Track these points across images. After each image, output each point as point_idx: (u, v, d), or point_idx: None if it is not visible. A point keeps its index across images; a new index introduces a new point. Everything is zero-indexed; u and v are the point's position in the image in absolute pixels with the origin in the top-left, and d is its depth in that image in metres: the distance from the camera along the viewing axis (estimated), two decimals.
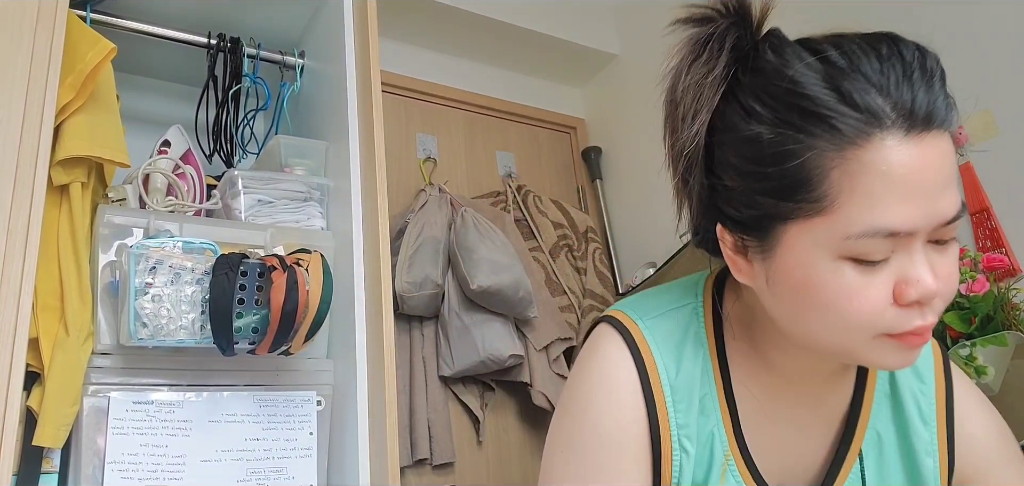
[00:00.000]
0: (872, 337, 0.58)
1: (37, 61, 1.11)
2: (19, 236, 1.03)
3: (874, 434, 0.71)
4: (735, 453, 0.68)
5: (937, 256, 0.58)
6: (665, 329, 0.71)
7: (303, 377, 1.29)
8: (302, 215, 1.41)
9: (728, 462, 0.68)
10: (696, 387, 0.69)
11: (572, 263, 2.30)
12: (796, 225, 0.58)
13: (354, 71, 1.45)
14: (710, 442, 0.69)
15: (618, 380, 0.68)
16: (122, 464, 1.08)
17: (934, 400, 0.72)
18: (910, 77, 0.56)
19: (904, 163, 0.54)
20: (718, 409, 0.69)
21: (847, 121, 0.55)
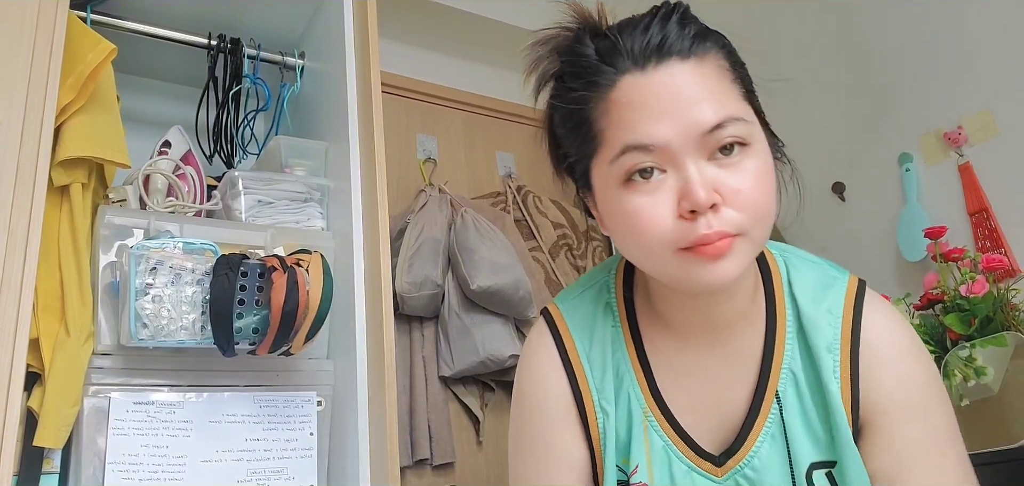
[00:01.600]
0: (672, 254, 0.65)
1: (37, 62, 1.11)
2: (20, 237, 1.03)
3: (788, 373, 0.73)
4: (653, 409, 0.74)
5: (722, 171, 0.65)
6: (579, 306, 0.81)
7: (303, 377, 1.29)
8: (302, 216, 1.41)
9: (648, 418, 0.74)
10: (609, 354, 0.77)
11: (572, 263, 2.30)
12: (594, 168, 0.71)
13: (354, 72, 1.45)
14: (628, 402, 0.75)
15: (541, 359, 0.79)
16: (123, 464, 1.08)
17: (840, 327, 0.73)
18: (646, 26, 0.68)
19: (642, 90, 0.66)
20: (631, 371, 0.76)
21: (602, 75, 0.68)
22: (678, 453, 0.73)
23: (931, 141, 1.76)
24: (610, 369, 0.77)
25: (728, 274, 0.65)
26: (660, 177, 0.65)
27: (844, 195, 1.94)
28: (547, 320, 0.81)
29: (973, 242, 1.63)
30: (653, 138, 0.65)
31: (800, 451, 0.71)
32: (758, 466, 0.71)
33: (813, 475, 0.70)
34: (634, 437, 0.74)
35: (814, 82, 2.03)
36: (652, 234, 0.65)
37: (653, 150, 0.65)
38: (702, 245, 0.64)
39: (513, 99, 2.56)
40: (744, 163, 0.66)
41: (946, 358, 1.42)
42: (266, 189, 1.39)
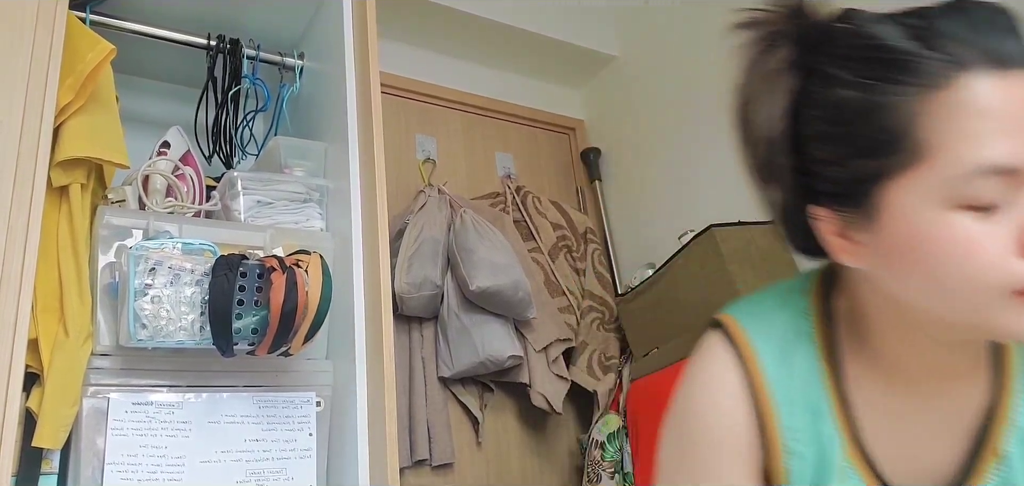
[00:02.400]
0: (1000, 297, 0.54)
1: (36, 62, 1.11)
2: (18, 237, 1.03)
3: (1017, 434, 0.65)
4: (854, 456, 0.65)
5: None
6: (769, 329, 0.69)
7: (302, 378, 1.29)
8: (301, 216, 1.41)
9: (848, 465, 0.65)
10: (807, 389, 0.66)
11: (571, 264, 2.30)
12: (896, 183, 0.56)
13: (353, 72, 1.45)
14: (821, 444, 0.65)
15: (718, 382, 0.68)
16: (121, 465, 1.08)
17: None
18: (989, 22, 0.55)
19: (999, 97, 0.53)
20: (832, 411, 0.66)
21: (933, 63, 0.54)
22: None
23: None
24: (804, 404, 0.66)
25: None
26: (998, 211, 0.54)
27: None
28: (728, 340, 0.69)
29: None
30: (1009, 159, 0.53)
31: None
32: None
33: None
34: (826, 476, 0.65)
35: None
36: (984, 271, 0.54)
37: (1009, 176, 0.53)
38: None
39: (512, 100, 2.57)
40: None
41: None
42: (265, 190, 1.39)
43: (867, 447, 0.65)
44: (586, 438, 2.07)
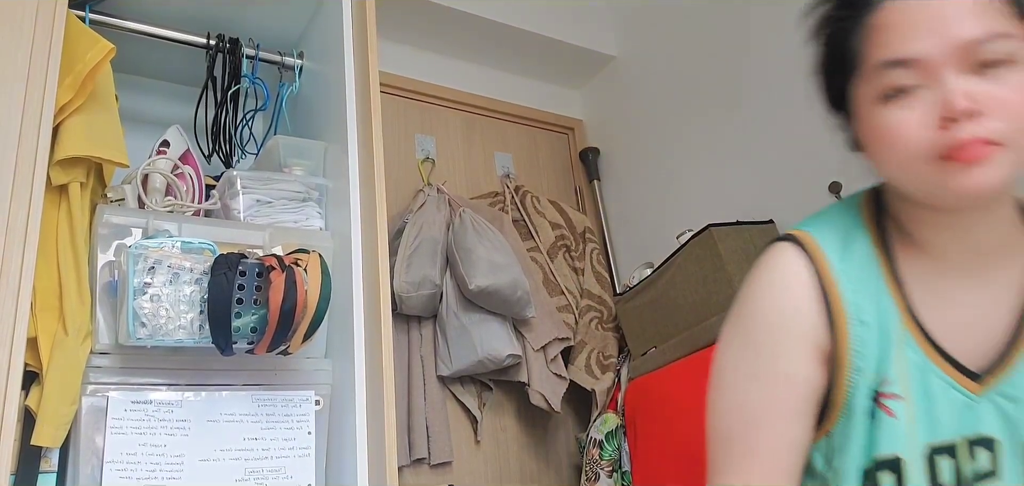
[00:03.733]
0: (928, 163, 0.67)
1: (36, 61, 1.11)
2: (18, 236, 1.03)
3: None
4: (910, 324, 0.73)
5: (984, 82, 0.66)
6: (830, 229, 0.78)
7: (301, 377, 1.29)
8: (301, 215, 1.41)
9: (904, 332, 0.72)
10: (865, 272, 0.75)
11: (570, 263, 2.30)
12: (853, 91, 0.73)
13: (353, 72, 1.45)
14: (880, 320, 0.73)
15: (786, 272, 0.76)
16: (120, 463, 1.08)
17: None
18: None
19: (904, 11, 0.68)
20: (886, 289, 0.74)
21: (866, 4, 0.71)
22: (936, 368, 0.72)
23: None
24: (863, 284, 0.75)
25: (984, 182, 0.66)
26: (918, 93, 0.68)
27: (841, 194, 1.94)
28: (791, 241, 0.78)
29: None
30: (909, 51, 0.67)
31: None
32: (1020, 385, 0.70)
33: None
34: (889, 355, 0.72)
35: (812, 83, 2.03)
36: (908, 144, 0.68)
37: (911, 65, 0.68)
38: (958, 150, 0.65)
39: (512, 99, 2.57)
40: (1009, 78, 0.66)
41: None
42: (264, 189, 1.39)
43: (921, 318, 0.73)
44: (584, 437, 2.08)
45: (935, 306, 0.74)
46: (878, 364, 0.73)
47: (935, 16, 0.67)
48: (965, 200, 0.68)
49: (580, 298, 2.24)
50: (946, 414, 0.71)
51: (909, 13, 0.68)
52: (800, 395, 0.74)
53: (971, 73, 0.66)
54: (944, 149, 0.66)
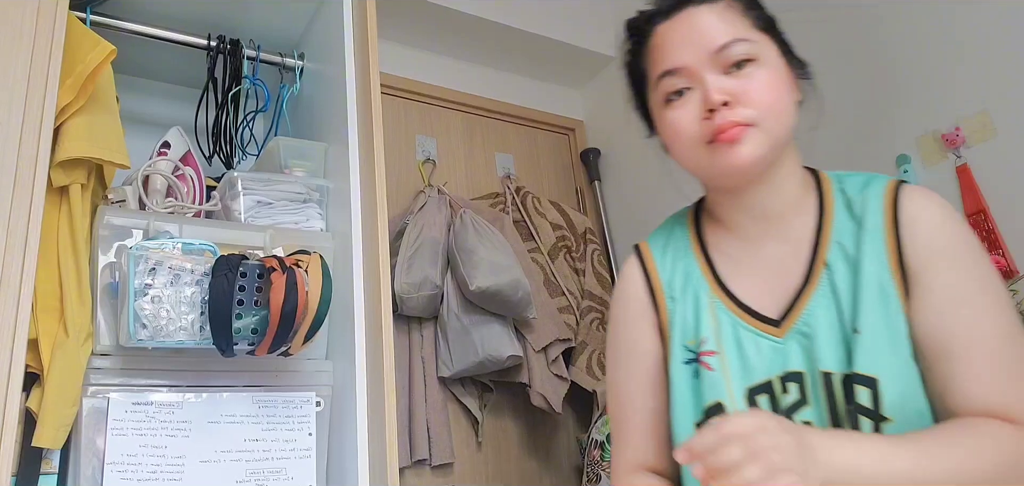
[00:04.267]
0: (701, 148, 0.84)
1: (37, 63, 1.11)
2: (19, 237, 1.03)
3: (837, 246, 0.85)
4: (717, 292, 0.89)
5: (735, 80, 0.83)
6: (658, 232, 1.01)
7: (302, 378, 1.29)
8: (301, 216, 1.41)
9: (713, 300, 0.89)
10: (679, 258, 0.95)
11: (570, 264, 2.30)
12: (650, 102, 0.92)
13: (353, 73, 1.45)
14: (696, 292, 0.91)
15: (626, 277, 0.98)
16: (121, 465, 1.09)
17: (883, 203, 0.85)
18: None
19: (668, 32, 0.88)
20: (698, 267, 0.93)
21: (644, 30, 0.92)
22: (743, 323, 0.86)
23: (929, 142, 1.76)
24: (680, 269, 0.93)
25: (746, 157, 0.82)
26: (688, 94, 0.85)
27: None
28: (635, 249, 1.00)
29: None
30: (675, 62, 0.85)
31: (848, 308, 0.81)
32: (812, 322, 0.82)
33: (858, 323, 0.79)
34: (702, 318, 0.88)
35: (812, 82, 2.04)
36: (685, 136, 0.85)
37: (678, 71, 0.85)
38: (719, 132, 0.82)
39: (512, 100, 2.57)
40: (754, 73, 0.83)
41: None
42: (265, 190, 1.39)
43: (727, 284, 0.90)
44: (585, 438, 2.07)
45: (738, 271, 0.90)
46: (694, 328, 0.88)
47: (692, 31, 0.85)
48: (734, 173, 0.84)
49: (581, 299, 2.24)
50: (757, 359, 0.84)
51: (672, 32, 0.87)
52: (650, 366, 0.92)
53: (724, 73, 0.83)
54: (710, 134, 0.83)
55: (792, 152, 0.90)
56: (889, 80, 1.86)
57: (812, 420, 0.80)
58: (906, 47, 1.82)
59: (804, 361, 0.81)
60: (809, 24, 2.14)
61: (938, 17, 1.76)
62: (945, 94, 1.74)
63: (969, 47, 1.70)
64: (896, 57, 1.85)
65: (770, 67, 0.85)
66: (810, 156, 0.98)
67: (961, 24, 1.72)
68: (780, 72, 0.86)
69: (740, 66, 0.83)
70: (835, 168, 0.97)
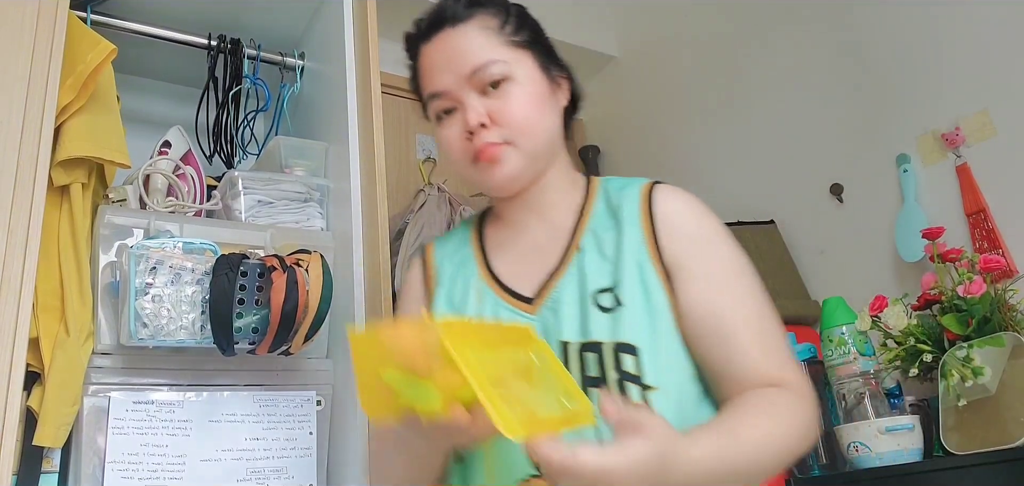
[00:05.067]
0: (468, 165, 0.91)
1: (37, 62, 1.11)
2: (19, 236, 1.03)
3: (591, 232, 0.93)
4: (485, 276, 0.96)
5: (492, 100, 0.89)
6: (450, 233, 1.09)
7: (303, 377, 1.29)
8: (302, 216, 1.41)
9: (480, 283, 0.96)
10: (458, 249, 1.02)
11: None
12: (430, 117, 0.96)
13: (354, 72, 1.46)
14: (467, 278, 0.98)
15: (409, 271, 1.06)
16: (122, 464, 1.09)
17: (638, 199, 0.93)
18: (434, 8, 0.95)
19: (428, 54, 0.94)
20: (473, 256, 1.00)
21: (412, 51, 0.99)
22: (502, 302, 0.93)
23: (929, 142, 1.76)
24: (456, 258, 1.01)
25: (504, 175, 0.90)
26: (455, 114, 0.91)
27: (842, 196, 1.94)
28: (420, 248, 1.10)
29: (971, 243, 1.64)
30: (438, 86, 0.92)
31: (591, 282, 0.88)
32: (559, 298, 0.89)
33: (599, 297, 0.87)
34: (468, 299, 0.95)
35: (812, 83, 2.04)
36: (453, 153, 0.92)
37: (442, 94, 0.92)
38: (479, 154, 0.89)
39: None
40: (509, 92, 0.89)
41: (944, 358, 1.42)
42: (266, 189, 1.39)
43: (495, 269, 0.97)
44: None
45: (505, 256, 0.98)
46: (460, 307, 0.95)
47: (450, 55, 0.91)
48: (496, 189, 0.93)
49: None
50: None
51: (433, 55, 0.93)
52: None
53: (481, 93, 0.89)
54: (473, 153, 0.89)
55: (560, 154, 0.99)
56: (889, 80, 1.86)
57: None
58: (906, 46, 1.83)
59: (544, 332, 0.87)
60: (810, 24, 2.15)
61: (938, 17, 1.76)
62: (945, 93, 1.74)
63: (969, 46, 1.70)
64: (896, 56, 1.85)
65: (524, 83, 0.91)
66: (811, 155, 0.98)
67: (961, 24, 1.72)
68: (535, 86, 0.92)
69: (496, 85, 0.89)
70: (835, 161, 0.96)
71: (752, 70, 2.20)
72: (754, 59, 2.19)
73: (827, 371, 1.59)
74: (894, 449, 1.40)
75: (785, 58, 2.11)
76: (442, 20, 0.93)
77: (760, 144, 2.16)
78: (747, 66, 2.21)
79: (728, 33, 2.26)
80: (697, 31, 2.35)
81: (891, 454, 1.40)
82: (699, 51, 2.35)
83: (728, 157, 2.23)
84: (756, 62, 2.19)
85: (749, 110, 2.20)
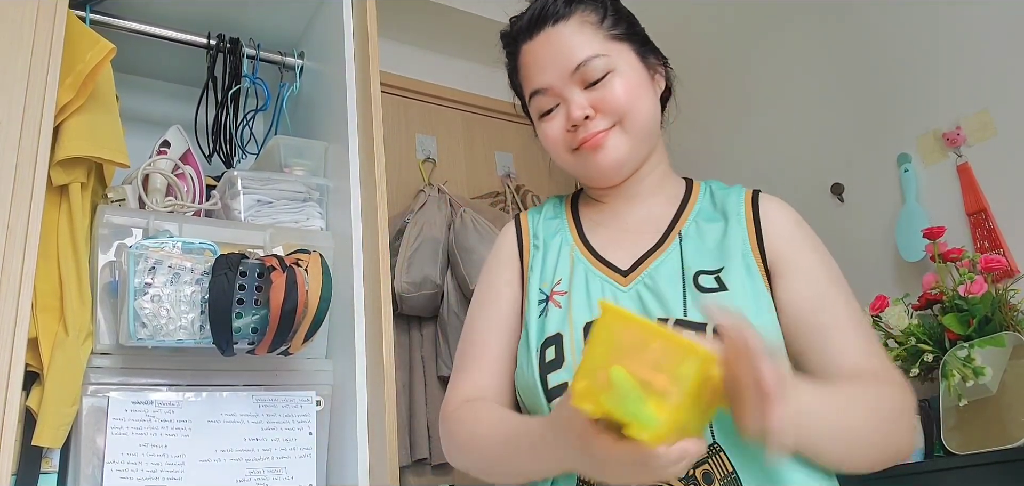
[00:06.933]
0: (570, 155, 0.95)
1: (37, 61, 1.11)
2: (18, 236, 1.03)
3: (694, 224, 0.95)
4: (578, 244, 0.98)
5: (594, 92, 0.92)
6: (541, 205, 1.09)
7: (302, 377, 1.29)
8: (301, 215, 1.41)
9: (574, 250, 0.98)
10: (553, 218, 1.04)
11: None
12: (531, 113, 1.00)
13: (353, 72, 1.45)
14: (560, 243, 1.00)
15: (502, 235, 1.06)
16: (121, 464, 1.08)
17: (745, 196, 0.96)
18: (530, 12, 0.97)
19: (532, 52, 0.96)
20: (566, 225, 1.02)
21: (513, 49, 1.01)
22: (594, 270, 0.94)
23: (929, 141, 1.76)
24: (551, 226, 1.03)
25: (609, 158, 0.93)
26: (557, 109, 0.94)
27: (843, 196, 1.94)
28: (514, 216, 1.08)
29: (971, 242, 1.63)
30: (542, 83, 0.94)
31: (691, 263, 0.90)
32: (655, 275, 0.90)
33: (699, 278, 0.88)
34: (560, 263, 0.97)
35: (812, 83, 2.04)
36: (557, 147, 0.95)
37: (546, 91, 0.94)
38: (583, 144, 0.92)
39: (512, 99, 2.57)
40: (612, 83, 0.92)
41: (944, 358, 1.42)
42: (265, 189, 1.39)
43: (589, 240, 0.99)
44: None
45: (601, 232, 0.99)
46: (552, 272, 0.96)
47: (552, 52, 0.93)
48: (601, 175, 0.95)
49: None
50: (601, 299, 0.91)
51: (535, 53, 0.95)
52: (506, 310, 0.98)
53: (584, 88, 0.92)
54: (576, 144, 0.93)
55: (658, 146, 1.01)
56: (889, 79, 1.86)
57: None
58: (907, 46, 1.82)
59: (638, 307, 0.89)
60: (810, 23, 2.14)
61: (938, 16, 1.76)
62: (946, 93, 1.73)
63: (970, 46, 1.70)
64: (896, 56, 1.85)
65: (626, 74, 0.93)
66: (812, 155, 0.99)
67: (961, 23, 1.71)
68: (636, 75, 0.94)
69: (599, 79, 0.91)
70: (836, 160, 0.96)
71: (753, 70, 2.19)
72: (754, 59, 2.19)
73: None
74: None
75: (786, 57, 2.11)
76: (544, 18, 0.95)
77: (761, 143, 2.15)
78: (748, 66, 2.21)
79: (729, 32, 2.26)
80: (697, 30, 2.35)
81: None
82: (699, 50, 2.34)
83: (729, 156, 2.22)
84: (756, 61, 2.18)
85: (750, 109, 2.20)
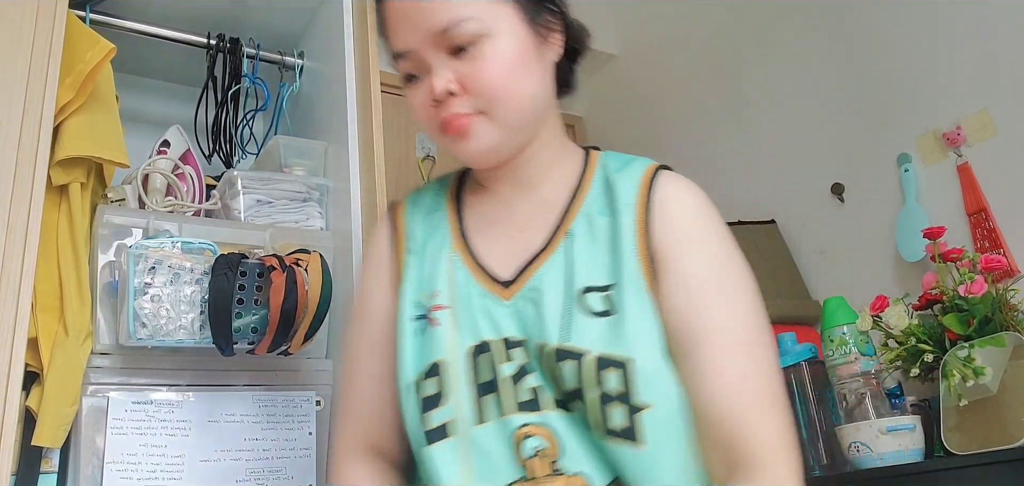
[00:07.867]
0: (437, 133, 0.81)
1: (36, 61, 1.11)
2: (18, 236, 1.03)
3: (584, 216, 0.83)
4: (459, 249, 0.86)
5: (463, 63, 0.77)
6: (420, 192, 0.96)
7: (302, 377, 1.29)
8: (301, 215, 1.41)
9: (453, 256, 0.85)
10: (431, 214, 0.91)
11: None
12: None
13: (353, 71, 1.45)
14: (439, 247, 0.86)
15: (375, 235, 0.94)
16: (121, 464, 1.08)
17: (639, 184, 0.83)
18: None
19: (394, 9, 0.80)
20: (447, 223, 0.89)
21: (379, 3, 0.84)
22: (475, 280, 0.82)
23: (930, 141, 1.76)
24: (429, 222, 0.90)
25: (474, 148, 0.79)
26: (421, 77, 0.80)
27: (843, 196, 1.94)
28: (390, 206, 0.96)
29: (972, 242, 1.63)
30: (402, 45, 0.80)
31: (580, 276, 0.78)
32: (540, 288, 0.79)
33: (588, 297, 0.77)
34: (439, 272, 0.84)
35: (813, 83, 2.03)
36: (421, 118, 0.82)
37: (407, 56, 0.80)
38: (445, 126, 0.79)
39: None
40: (483, 52, 0.77)
41: (945, 358, 1.42)
42: (265, 189, 1.39)
43: (470, 242, 0.86)
44: None
45: (485, 229, 0.87)
46: (429, 282, 0.84)
47: (412, 11, 0.78)
48: (472, 163, 0.84)
49: None
50: (483, 319, 0.79)
51: (396, 11, 0.80)
52: (382, 325, 0.86)
53: (452, 55, 0.77)
54: (439, 124, 0.79)
55: (549, 120, 0.86)
56: (889, 79, 1.86)
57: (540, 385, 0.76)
58: (907, 46, 1.82)
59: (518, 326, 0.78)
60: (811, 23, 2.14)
61: (938, 16, 1.76)
62: (946, 93, 1.73)
63: (970, 46, 1.70)
64: (896, 56, 1.84)
65: (504, 43, 0.77)
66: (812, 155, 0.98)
67: (961, 23, 1.71)
68: (517, 45, 0.78)
69: (467, 46, 0.76)
70: (836, 161, 0.92)
71: (753, 69, 2.19)
72: (755, 58, 2.19)
73: (828, 371, 1.59)
74: (895, 449, 1.40)
75: (786, 57, 2.11)
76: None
77: (761, 143, 2.15)
78: (748, 65, 2.21)
79: (729, 32, 2.26)
80: (698, 30, 2.35)
81: (892, 454, 1.40)
82: (700, 50, 2.34)
83: (729, 156, 2.22)
84: (757, 61, 2.18)
85: (750, 109, 2.20)
